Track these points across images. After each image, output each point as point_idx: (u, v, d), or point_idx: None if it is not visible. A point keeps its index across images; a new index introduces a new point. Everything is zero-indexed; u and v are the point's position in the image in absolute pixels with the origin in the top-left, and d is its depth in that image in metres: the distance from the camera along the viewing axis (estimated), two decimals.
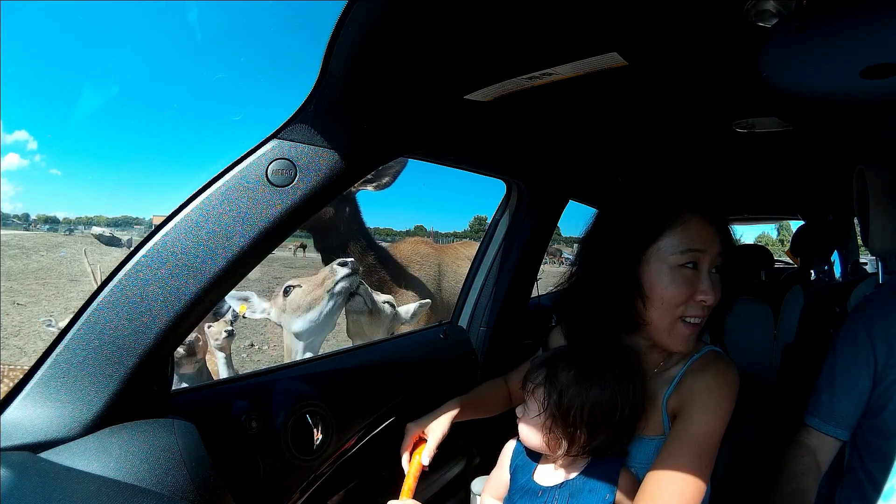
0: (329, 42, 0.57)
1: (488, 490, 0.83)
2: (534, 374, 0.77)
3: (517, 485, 0.78)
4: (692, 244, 0.73)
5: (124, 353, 0.57)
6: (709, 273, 0.73)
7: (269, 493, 0.76)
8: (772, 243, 15.87)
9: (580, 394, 0.72)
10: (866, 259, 2.80)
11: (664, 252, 0.73)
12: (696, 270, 0.73)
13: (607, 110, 1.01)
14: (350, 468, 0.95)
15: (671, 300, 0.73)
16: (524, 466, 0.79)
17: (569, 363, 0.74)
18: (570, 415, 0.71)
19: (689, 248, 0.73)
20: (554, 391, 0.73)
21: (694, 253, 0.73)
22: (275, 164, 0.62)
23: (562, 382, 0.73)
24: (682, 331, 0.74)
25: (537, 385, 0.75)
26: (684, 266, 0.73)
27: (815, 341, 0.98)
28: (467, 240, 3.33)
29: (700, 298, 0.72)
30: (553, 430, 0.72)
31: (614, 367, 0.74)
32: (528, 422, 0.76)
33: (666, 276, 0.73)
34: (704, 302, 0.73)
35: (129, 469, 0.53)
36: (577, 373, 0.73)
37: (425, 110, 0.83)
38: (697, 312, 0.74)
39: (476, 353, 1.31)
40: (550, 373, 0.74)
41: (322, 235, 2.34)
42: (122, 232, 15.82)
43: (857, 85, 0.75)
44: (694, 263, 0.73)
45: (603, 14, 0.62)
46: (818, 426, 0.88)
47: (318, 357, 1.03)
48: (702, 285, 0.72)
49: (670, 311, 0.73)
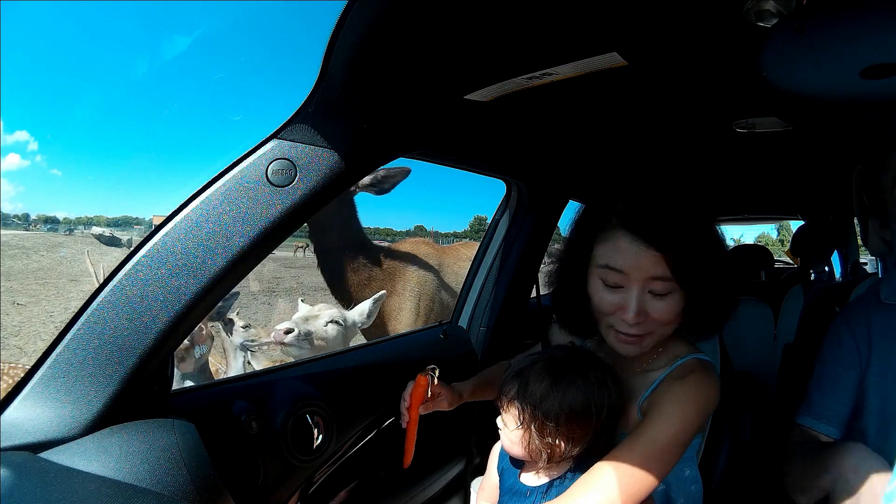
0: (329, 42, 0.56)
1: (481, 495, 0.84)
2: (506, 387, 0.75)
3: (505, 486, 0.78)
4: (611, 262, 0.68)
5: (124, 353, 0.57)
6: (638, 294, 0.67)
7: (269, 493, 0.76)
8: (772, 243, 15.89)
9: (554, 404, 0.70)
10: (866, 259, 2.80)
11: (595, 259, 0.72)
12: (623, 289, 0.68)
13: (607, 110, 1.01)
14: (350, 468, 0.95)
15: (597, 308, 0.71)
16: (510, 468, 0.79)
17: (540, 373, 0.73)
18: (546, 427, 0.70)
19: (608, 266, 0.68)
20: (527, 405, 0.72)
21: (614, 273, 0.68)
22: (275, 164, 0.62)
23: (535, 395, 0.71)
24: (616, 338, 0.72)
25: (510, 399, 0.74)
26: (606, 283, 0.69)
27: (815, 341, 0.98)
28: (468, 240, 3.33)
29: (623, 317, 0.68)
30: (532, 443, 0.72)
31: (588, 371, 0.72)
32: (507, 435, 0.75)
33: (593, 283, 0.72)
34: (626, 321, 0.68)
35: (129, 469, 0.53)
36: (551, 382, 0.71)
37: (425, 110, 0.83)
38: (623, 329, 0.70)
39: (476, 353, 1.31)
40: (522, 386, 0.73)
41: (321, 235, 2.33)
42: (122, 232, 15.82)
43: (857, 85, 0.75)
44: (618, 285, 0.68)
45: (603, 14, 0.62)
46: (810, 424, 0.88)
47: (318, 357, 1.03)
48: (627, 304, 0.67)
49: (601, 319, 0.72)
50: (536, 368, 0.74)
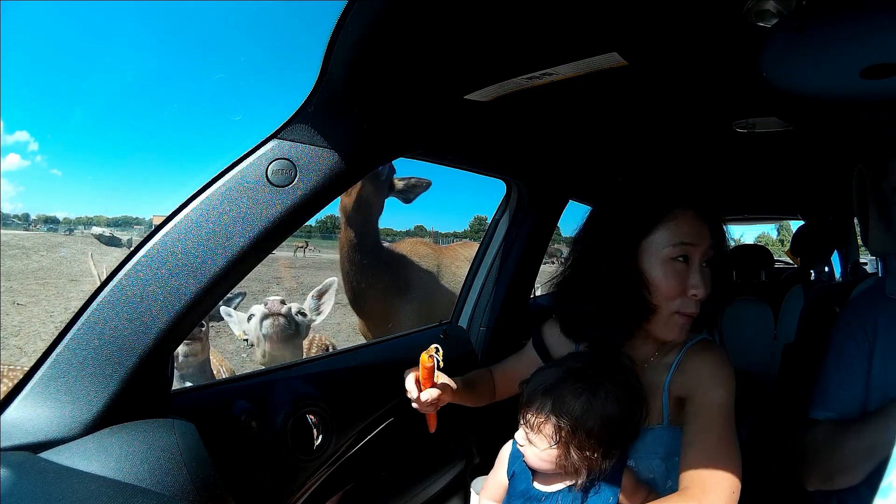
0: (329, 42, 0.56)
1: (486, 493, 0.82)
2: (535, 405, 0.72)
3: (517, 491, 0.76)
4: (683, 238, 0.75)
5: (124, 353, 0.57)
6: (700, 267, 0.76)
7: (269, 493, 0.76)
8: (772, 243, 15.88)
9: (596, 417, 0.69)
10: (866, 259, 2.80)
11: (657, 245, 0.76)
12: (686, 264, 0.76)
13: (607, 110, 1.01)
14: (350, 468, 0.95)
15: (665, 292, 0.75)
16: (523, 472, 0.77)
17: (575, 387, 0.71)
18: (585, 444, 0.69)
19: (681, 242, 0.75)
20: (566, 422, 0.69)
21: (685, 246, 0.75)
22: (275, 164, 0.62)
23: (574, 410, 0.69)
24: (678, 321, 0.76)
25: (544, 419, 0.71)
26: (676, 259, 0.75)
27: (815, 341, 0.98)
28: (467, 240, 3.32)
29: (692, 293, 0.75)
30: (569, 459, 0.69)
31: (616, 376, 0.72)
32: (536, 453, 0.72)
33: (659, 269, 0.75)
34: (696, 296, 0.75)
35: (129, 469, 0.53)
36: (589, 396, 0.70)
37: (425, 110, 0.83)
38: (689, 308, 0.76)
39: (476, 353, 1.31)
40: (557, 402, 0.70)
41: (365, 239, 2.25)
42: (122, 232, 15.84)
43: (857, 85, 0.75)
44: (685, 257, 0.75)
45: (603, 14, 0.62)
46: (825, 417, 0.87)
47: (318, 357, 1.03)
48: (692, 279, 0.75)
49: (666, 303, 0.76)
50: (569, 382, 0.72)
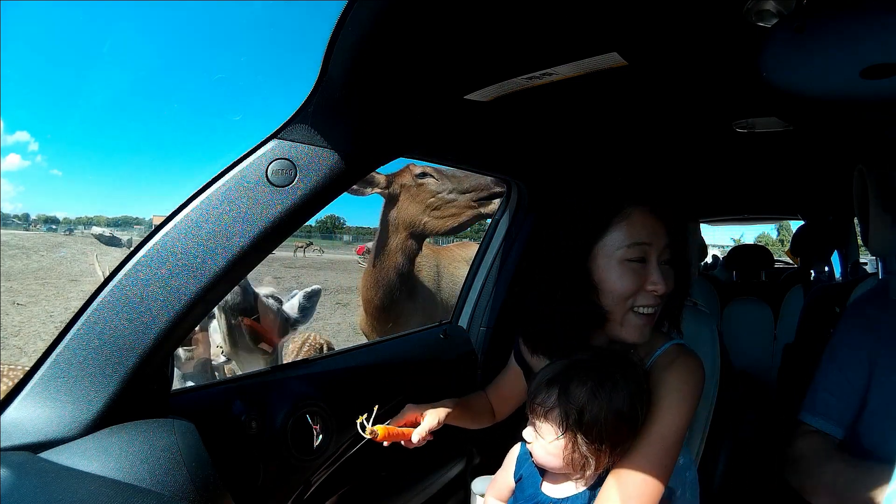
0: (329, 42, 0.57)
1: (491, 491, 0.82)
2: (541, 395, 0.72)
3: (524, 495, 0.76)
4: (638, 238, 0.73)
5: (124, 353, 0.57)
6: (657, 265, 0.73)
7: (269, 493, 0.76)
8: (772, 243, 15.88)
9: (602, 407, 0.68)
10: (866, 259, 2.79)
11: (610, 247, 0.74)
12: (643, 264, 0.73)
13: (607, 110, 1.01)
14: (350, 468, 0.95)
15: (620, 292, 0.73)
16: (531, 477, 0.76)
17: (580, 376, 0.70)
18: (593, 431, 0.68)
19: (635, 242, 0.73)
20: (573, 410, 0.68)
21: (640, 247, 0.73)
22: (275, 164, 0.62)
23: (580, 398, 0.68)
24: (635, 321, 0.74)
25: (550, 408, 0.70)
26: (631, 260, 0.73)
27: (815, 341, 0.98)
28: (466, 240, 3.31)
29: (650, 288, 0.73)
30: (576, 451, 0.69)
31: (623, 368, 0.71)
32: (543, 446, 0.71)
33: (614, 270, 0.73)
34: (655, 291, 0.73)
35: (129, 469, 0.53)
36: (595, 384, 0.69)
37: (425, 110, 0.83)
38: (648, 301, 0.73)
39: (476, 353, 1.31)
40: (563, 391, 0.70)
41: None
42: (122, 232, 15.84)
43: (857, 85, 0.75)
44: (642, 258, 0.73)
45: (603, 14, 0.62)
46: (815, 423, 0.87)
47: (319, 357, 1.03)
48: (651, 276, 0.73)
49: (621, 303, 0.74)
50: (574, 372, 0.71)
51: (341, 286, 8.64)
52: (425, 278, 2.44)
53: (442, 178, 2.02)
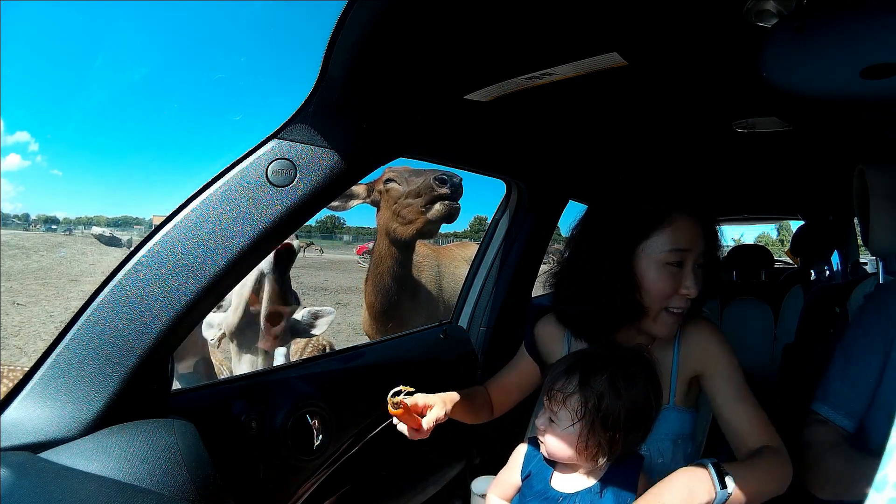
0: (329, 42, 0.57)
1: (495, 490, 0.82)
2: (561, 381, 0.74)
3: (534, 491, 0.76)
4: (678, 244, 0.78)
5: (124, 353, 0.57)
6: (692, 269, 0.79)
7: (269, 493, 0.76)
8: (772, 243, 15.87)
9: (618, 397, 0.70)
10: (866, 259, 2.79)
11: (652, 250, 0.78)
12: (680, 268, 0.78)
13: (607, 110, 1.01)
14: (350, 468, 0.95)
15: (658, 293, 0.78)
16: (540, 473, 0.77)
17: (598, 365, 0.73)
18: (609, 420, 0.70)
19: (676, 248, 0.78)
20: (591, 397, 0.71)
21: (680, 252, 0.78)
22: (275, 164, 0.62)
23: (599, 386, 0.71)
24: (667, 319, 0.80)
25: (569, 394, 0.72)
26: (671, 263, 0.78)
27: (815, 341, 0.98)
28: (466, 240, 3.30)
29: (683, 293, 0.78)
30: (591, 439, 0.70)
31: (640, 365, 0.74)
32: (557, 433, 0.73)
33: (653, 271, 0.78)
34: (688, 295, 0.78)
35: (129, 469, 0.53)
36: (611, 376, 0.71)
37: (425, 110, 0.83)
38: (681, 304, 0.79)
39: (476, 353, 1.31)
40: (584, 379, 0.72)
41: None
42: (122, 232, 15.84)
43: (857, 85, 0.75)
44: (680, 262, 0.78)
45: (603, 14, 0.62)
46: (827, 414, 0.86)
47: (319, 357, 1.03)
48: (686, 281, 0.78)
49: (657, 302, 0.79)
50: (595, 361, 0.74)
51: (341, 286, 8.65)
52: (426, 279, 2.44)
53: (403, 182, 1.97)
